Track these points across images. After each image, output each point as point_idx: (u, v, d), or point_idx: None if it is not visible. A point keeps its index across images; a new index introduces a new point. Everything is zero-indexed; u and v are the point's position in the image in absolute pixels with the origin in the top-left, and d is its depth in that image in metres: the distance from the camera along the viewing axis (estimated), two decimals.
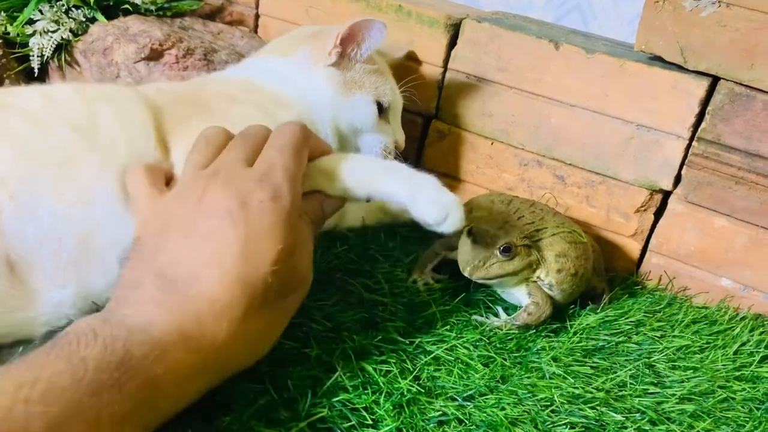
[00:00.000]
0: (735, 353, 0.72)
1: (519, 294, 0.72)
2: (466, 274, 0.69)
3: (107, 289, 0.61)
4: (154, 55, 0.86)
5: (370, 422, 0.53)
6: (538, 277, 0.71)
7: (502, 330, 0.69)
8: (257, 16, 1.10)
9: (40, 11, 0.93)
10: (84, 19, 0.94)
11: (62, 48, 0.94)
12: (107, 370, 0.40)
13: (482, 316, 0.71)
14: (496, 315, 0.72)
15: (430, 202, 0.60)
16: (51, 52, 0.93)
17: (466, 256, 0.69)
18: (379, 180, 0.61)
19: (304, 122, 0.73)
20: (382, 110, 0.84)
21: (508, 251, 0.68)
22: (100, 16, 0.94)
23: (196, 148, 0.57)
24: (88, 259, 0.60)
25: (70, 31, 0.93)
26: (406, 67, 0.96)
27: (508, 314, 0.72)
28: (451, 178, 0.98)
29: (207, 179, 0.53)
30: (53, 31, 0.92)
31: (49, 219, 0.58)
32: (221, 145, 0.57)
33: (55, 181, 0.59)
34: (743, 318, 0.79)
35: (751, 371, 0.69)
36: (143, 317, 0.44)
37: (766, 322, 0.79)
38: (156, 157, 0.64)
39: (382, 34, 0.80)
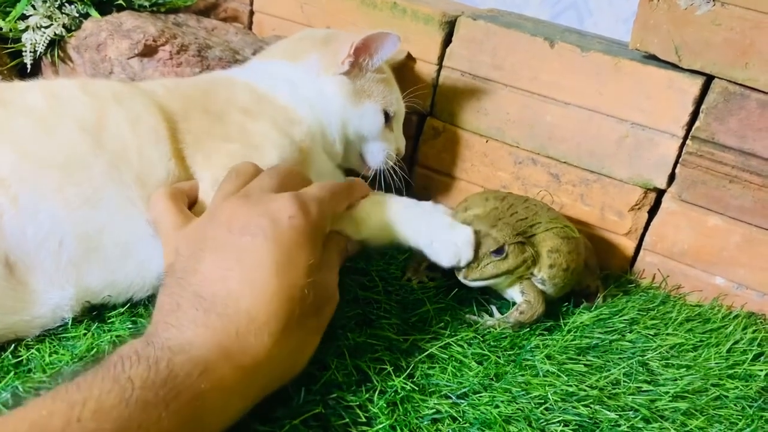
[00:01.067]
0: (728, 351, 0.72)
1: (512, 292, 0.72)
2: (460, 276, 0.68)
3: (105, 289, 0.62)
4: (148, 51, 0.86)
5: (364, 420, 0.53)
6: (531, 273, 0.71)
7: (495, 329, 0.69)
8: (252, 13, 1.10)
9: (33, 6, 0.92)
10: (77, 15, 0.94)
11: (55, 44, 0.93)
12: (153, 388, 0.40)
13: (476, 314, 0.71)
14: (490, 314, 0.72)
15: (444, 247, 0.66)
16: (44, 48, 0.92)
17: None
18: (400, 233, 0.66)
19: (315, 135, 0.76)
20: (387, 119, 0.84)
21: (500, 252, 0.68)
22: (93, 12, 0.93)
23: (228, 179, 0.59)
24: (88, 260, 0.60)
25: (63, 26, 0.92)
26: (403, 67, 0.96)
27: (502, 312, 0.72)
28: (445, 175, 0.98)
29: (237, 201, 0.54)
30: (46, 27, 0.91)
31: (50, 221, 0.58)
32: (250, 176, 0.59)
33: (59, 183, 0.59)
34: (736, 316, 0.80)
35: (744, 369, 0.69)
36: (184, 338, 0.45)
37: (759, 321, 0.79)
38: (170, 168, 0.64)
39: (396, 47, 0.80)
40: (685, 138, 0.80)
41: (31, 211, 0.57)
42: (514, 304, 0.72)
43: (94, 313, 0.62)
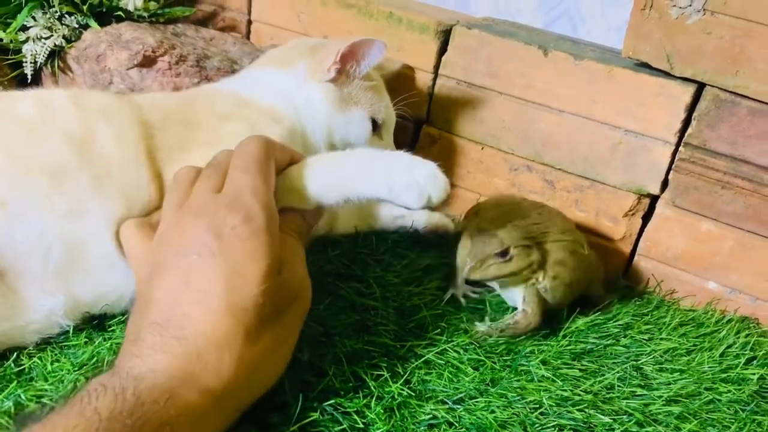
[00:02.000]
0: (721, 355, 0.73)
1: (516, 296, 0.73)
2: (463, 275, 0.69)
3: (98, 300, 0.62)
4: (147, 62, 0.87)
5: (362, 426, 0.54)
6: (536, 279, 0.72)
7: (490, 336, 0.69)
8: (249, 22, 1.11)
9: (33, 18, 0.93)
10: (77, 26, 0.95)
11: (55, 54, 0.94)
12: (120, 418, 0.40)
13: (471, 321, 0.71)
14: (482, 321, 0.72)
15: (406, 190, 0.57)
16: (44, 59, 0.93)
17: (463, 257, 0.70)
18: (351, 185, 0.58)
19: (296, 135, 0.74)
20: (376, 127, 0.84)
21: (504, 254, 0.68)
22: (93, 23, 0.94)
23: (170, 190, 0.58)
24: (75, 270, 0.60)
25: (63, 37, 0.93)
26: (399, 76, 0.97)
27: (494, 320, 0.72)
28: None
29: (180, 216, 0.53)
30: (46, 38, 0.92)
31: (38, 227, 0.58)
32: (193, 180, 0.56)
33: (47, 191, 0.59)
34: (729, 321, 0.80)
35: (737, 373, 0.70)
36: (147, 366, 0.44)
37: (751, 325, 0.80)
38: (151, 193, 0.63)
39: (382, 53, 0.81)
40: (678, 145, 0.82)
41: (20, 217, 0.57)
42: (511, 309, 0.73)
43: (95, 321, 0.63)
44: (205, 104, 0.74)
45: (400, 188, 0.57)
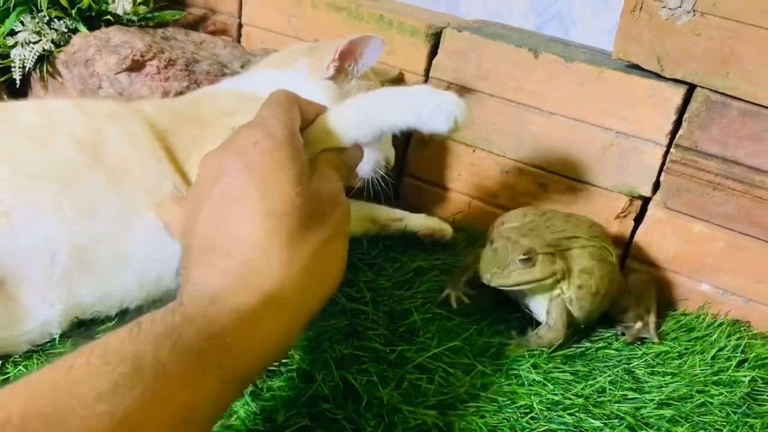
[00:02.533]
0: (713, 358, 0.73)
1: (540, 306, 0.71)
2: (485, 281, 0.68)
3: (98, 302, 0.62)
4: (136, 66, 0.86)
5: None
6: (560, 289, 0.70)
7: (517, 350, 0.68)
8: (240, 26, 1.11)
9: (22, 22, 0.92)
10: (66, 30, 0.94)
11: (44, 59, 0.94)
12: (162, 323, 0.40)
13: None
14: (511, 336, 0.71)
15: (436, 113, 0.58)
16: (33, 64, 0.92)
17: (486, 263, 0.68)
18: (381, 117, 0.60)
19: None
20: None
21: (527, 260, 0.66)
22: (82, 27, 0.94)
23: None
24: (80, 273, 0.60)
25: (52, 42, 0.93)
26: (396, 82, 0.96)
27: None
28: (434, 185, 0.99)
29: (209, 155, 0.53)
30: (35, 42, 0.92)
31: (44, 234, 0.58)
32: None
33: (54, 196, 0.59)
34: (721, 324, 0.80)
35: (728, 375, 0.70)
36: (197, 285, 0.44)
37: (742, 328, 0.80)
38: (176, 181, 0.65)
39: (380, 51, 0.81)
40: (669, 146, 0.81)
41: (24, 226, 0.58)
42: (533, 321, 0.71)
43: (82, 328, 0.62)
44: (210, 103, 0.75)
45: (428, 113, 0.58)
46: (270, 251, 0.46)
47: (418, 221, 0.86)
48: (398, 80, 0.96)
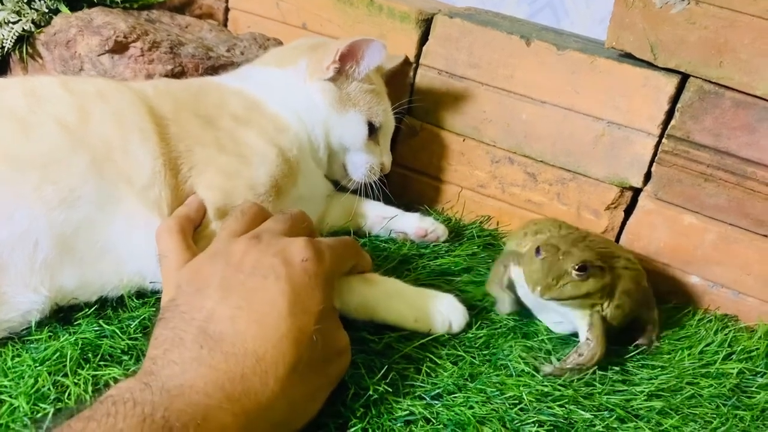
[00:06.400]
0: (701, 351, 0.72)
1: (579, 320, 0.67)
2: (536, 294, 0.64)
3: (79, 289, 0.61)
4: (119, 48, 0.84)
5: (338, 423, 0.52)
6: (600, 306, 0.66)
7: (559, 377, 0.63)
8: (227, 10, 1.09)
9: (1, 2, 0.90)
10: (47, 11, 0.91)
11: (24, 40, 0.91)
12: (133, 414, 0.39)
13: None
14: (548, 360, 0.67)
15: (433, 320, 0.66)
16: (12, 44, 0.89)
17: (536, 274, 0.64)
18: (384, 311, 0.65)
19: (302, 142, 0.76)
20: (373, 130, 0.83)
21: (584, 269, 0.63)
22: (63, 8, 0.91)
23: (233, 218, 0.58)
24: (64, 260, 0.59)
25: (33, 22, 0.90)
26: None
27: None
28: (422, 174, 0.97)
29: (247, 242, 0.53)
30: (14, 22, 0.89)
31: (26, 221, 0.57)
32: (256, 217, 0.59)
33: (37, 183, 0.58)
34: (710, 317, 0.80)
35: (717, 368, 0.69)
36: (186, 378, 0.43)
37: (730, 323, 0.79)
38: (156, 167, 0.64)
39: (381, 55, 0.79)
40: (661, 136, 0.80)
41: (6, 214, 0.56)
42: (566, 338, 0.70)
43: (61, 314, 0.60)
44: (216, 100, 0.74)
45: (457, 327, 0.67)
46: (269, 375, 0.45)
47: (410, 221, 0.84)
48: (405, 65, 0.94)
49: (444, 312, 0.66)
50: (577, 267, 0.63)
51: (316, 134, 0.79)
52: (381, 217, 0.84)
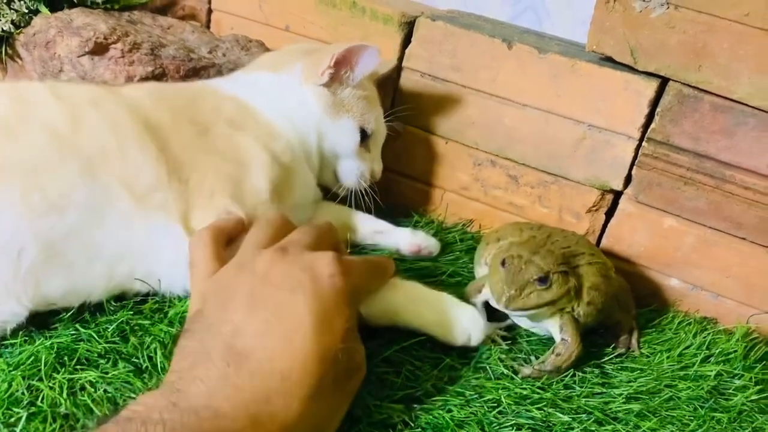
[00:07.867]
0: (680, 354, 0.73)
1: (551, 325, 0.67)
2: (500, 306, 0.64)
3: (65, 295, 0.60)
4: (99, 49, 0.83)
5: None
6: (571, 307, 0.67)
7: (537, 379, 0.64)
8: (210, 11, 1.08)
9: None
10: (27, 11, 0.91)
11: (3, 40, 0.90)
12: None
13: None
14: (526, 361, 0.67)
15: (454, 329, 0.65)
16: None
17: (499, 285, 0.64)
18: (408, 314, 0.64)
19: (294, 150, 0.76)
20: (365, 137, 0.83)
21: (545, 280, 0.63)
22: (43, 8, 0.90)
23: (258, 227, 0.58)
24: (51, 267, 0.58)
25: (12, 23, 0.89)
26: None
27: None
28: (405, 177, 0.97)
29: (273, 255, 0.52)
30: None
31: (10, 230, 0.56)
32: (282, 227, 0.58)
33: (22, 192, 0.57)
34: (690, 320, 0.80)
35: (695, 371, 0.69)
36: (212, 400, 0.42)
37: (709, 326, 0.80)
38: (160, 172, 0.63)
39: (376, 61, 0.79)
40: (641, 140, 0.81)
41: None
42: (545, 337, 0.70)
43: (36, 319, 0.60)
44: (211, 105, 0.73)
45: (448, 328, 0.65)
46: (293, 395, 0.45)
47: (402, 236, 0.84)
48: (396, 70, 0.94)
49: (465, 324, 0.65)
50: (536, 279, 0.63)
51: (309, 140, 0.79)
52: (372, 231, 0.84)
